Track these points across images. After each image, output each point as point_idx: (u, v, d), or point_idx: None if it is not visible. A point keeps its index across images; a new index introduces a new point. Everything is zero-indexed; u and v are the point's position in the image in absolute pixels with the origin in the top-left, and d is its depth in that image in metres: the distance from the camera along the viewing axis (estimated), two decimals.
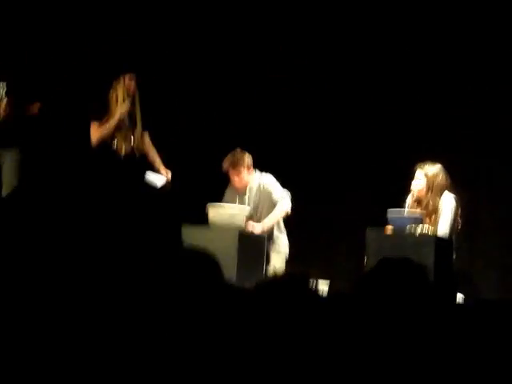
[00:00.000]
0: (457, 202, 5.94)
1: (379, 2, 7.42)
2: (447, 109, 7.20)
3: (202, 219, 6.01)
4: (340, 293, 2.51)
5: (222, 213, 5.87)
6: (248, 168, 6.49)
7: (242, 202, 6.47)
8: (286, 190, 6.50)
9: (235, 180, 6.47)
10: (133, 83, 6.37)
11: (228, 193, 6.56)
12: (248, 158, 6.49)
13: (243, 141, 7.01)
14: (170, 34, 7.55)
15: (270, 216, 6.38)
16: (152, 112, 6.54)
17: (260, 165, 6.63)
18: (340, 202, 7.46)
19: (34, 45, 6.96)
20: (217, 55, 7.66)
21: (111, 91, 6.39)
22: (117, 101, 6.35)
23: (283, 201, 6.44)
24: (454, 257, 5.81)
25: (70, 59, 7.25)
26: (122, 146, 6.33)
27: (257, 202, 6.50)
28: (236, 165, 6.44)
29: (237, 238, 5.66)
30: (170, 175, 6.43)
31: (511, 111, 6.99)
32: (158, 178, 6.40)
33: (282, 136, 7.52)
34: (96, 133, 6.33)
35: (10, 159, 6.33)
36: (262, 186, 6.51)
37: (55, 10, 7.26)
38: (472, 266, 6.73)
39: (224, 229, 5.78)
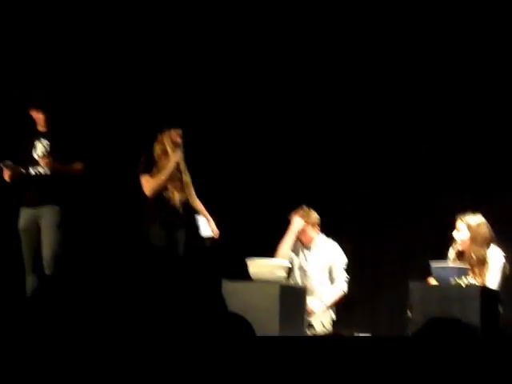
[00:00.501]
0: (505, 258, 5.86)
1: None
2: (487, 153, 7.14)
3: (243, 275, 5.98)
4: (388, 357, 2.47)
5: (263, 266, 5.83)
6: (313, 225, 6.60)
7: (305, 256, 6.61)
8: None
9: (300, 233, 6.56)
10: (179, 137, 6.49)
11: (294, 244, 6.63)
12: (314, 215, 6.61)
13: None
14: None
15: (332, 297, 6.55)
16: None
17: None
18: (381, 253, 7.40)
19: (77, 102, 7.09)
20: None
21: (156, 144, 6.50)
22: (163, 153, 6.45)
23: (343, 282, 6.59)
24: (501, 310, 5.71)
25: (111, 112, 7.34)
26: (174, 196, 6.42)
27: (316, 264, 6.57)
28: (304, 218, 6.55)
29: (278, 290, 5.60)
30: (216, 232, 6.61)
31: None
32: (207, 229, 6.57)
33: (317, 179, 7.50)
34: (149, 184, 6.40)
35: (49, 216, 6.35)
36: (331, 254, 6.61)
37: (94, 65, 7.36)
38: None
39: (266, 283, 5.73)
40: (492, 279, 5.79)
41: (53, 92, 6.63)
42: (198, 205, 6.65)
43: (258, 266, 5.84)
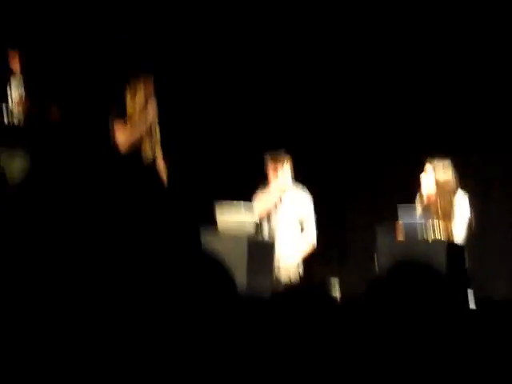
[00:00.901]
0: (469, 202, 5.90)
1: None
2: (455, 104, 7.15)
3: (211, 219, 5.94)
4: (353, 298, 2.47)
5: (231, 220, 5.81)
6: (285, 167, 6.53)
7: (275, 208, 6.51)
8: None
9: (271, 174, 6.49)
10: (151, 86, 6.18)
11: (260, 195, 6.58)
12: (289, 160, 6.54)
13: (252, 141, 7.06)
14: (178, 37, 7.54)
15: (303, 249, 6.48)
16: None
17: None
18: (349, 199, 7.44)
19: (52, 45, 6.97)
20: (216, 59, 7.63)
21: (129, 90, 6.16)
22: (133, 99, 6.11)
23: (313, 234, 6.54)
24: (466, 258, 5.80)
25: (86, 61, 7.24)
26: (149, 155, 6.15)
27: (287, 215, 6.52)
28: (278, 159, 6.49)
29: (246, 245, 5.61)
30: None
31: None
32: None
33: (290, 133, 7.48)
34: (123, 135, 6.08)
35: (16, 160, 6.24)
36: (301, 204, 6.55)
37: (72, 11, 7.27)
38: (484, 266, 6.65)
39: (234, 237, 5.73)
40: (459, 228, 5.82)
41: (30, 34, 6.55)
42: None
43: (226, 219, 5.82)
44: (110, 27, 7.28)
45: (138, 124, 6.06)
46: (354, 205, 7.39)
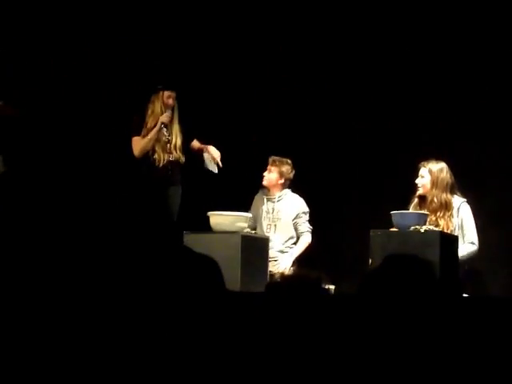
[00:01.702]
0: (470, 205, 5.97)
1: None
2: (450, 107, 7.16)
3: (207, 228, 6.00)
4: (347, 293, 2.49)
5: (224, 219, 5.84)
6: (284, 176, 6.69)
7: (268, 209, 6.72)
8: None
9: (266, 176, 6.69)
10: (171, 101, 6.55)
11: (257, 198, 6.83)
12: (290, 169, 6.72)
13: (243, 141, 7.08)
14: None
15: (298, 248, 6.68)
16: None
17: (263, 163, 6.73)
18: (344, 204, 7.44)
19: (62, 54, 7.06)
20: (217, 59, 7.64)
21: (149, 106, 6.57)
22: (154, 114, 6.53)
23: (309, 234, 6.70)
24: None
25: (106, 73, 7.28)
26: (161, 157, 6.49)
27: (280, 216, 6.59)
28: (277, 163, 6.66)
29: (240, 241, 5.62)
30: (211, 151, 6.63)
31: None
32: (210, 164, 6.61)
33: (283, 134, 7.49)
34: (137, 145, 6.50)
35: None
36: (296, 206, 6.72)
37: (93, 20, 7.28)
38: (480, 263, 6.67)
39: (227, 233, 5.75)
40: (470, 234, 5.88)
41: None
42: (196, 145, 6.70)
43: (218, 218, 5.86)
44: (130, 42, 7.31)
45: (151, 133, 6.47)
46: (350, 211, 7.40)
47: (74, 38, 7.19)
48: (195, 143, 6.73)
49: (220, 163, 6.58)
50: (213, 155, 6.59)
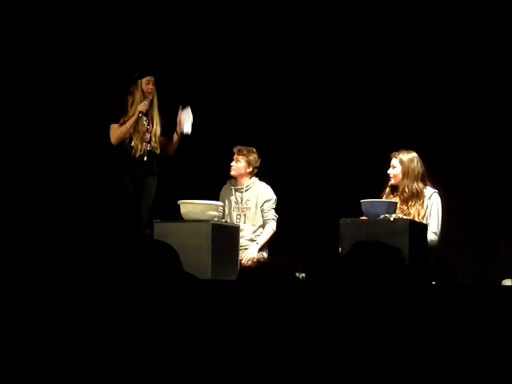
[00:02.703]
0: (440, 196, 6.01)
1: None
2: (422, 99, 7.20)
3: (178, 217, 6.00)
4: (317, 281, 2.50)
5: (194, 207, 5.85)
6: (251, 165, 6.75)
7: (237, 199, 6.77)
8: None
9: (234, 165, 6.73)
10: (150, 86, 6.53)
11: (225, 189, 6.86)
12: (257, 158, 6.76)
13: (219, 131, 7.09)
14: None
15: (263, 236, 6.70)
16: None
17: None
18: (314, 194, 7.47)
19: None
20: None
21: (129, 96, 6.55)
22: (133, 103, 6.50)
23: (273, 222, 6.76)
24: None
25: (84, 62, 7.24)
26: (138, 147, 6.45)
27: (248, 205, 6.70)
28: (244, 153, 6.71)
29: (210, 230, 5.63)
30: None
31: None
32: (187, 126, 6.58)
33: (252, 125, 7.50)
34: (114, 133, 6.47)
35: None
36: (262, 194, 6.77)
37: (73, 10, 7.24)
38: (448, 250, 6.73)
39: (197, 222, 5.75)
40: (433, 224, 5.92)
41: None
42: (174, 142, 6.66)
43: (189, 207, 5.86)
44: (112, 30, 7.28)
45: (128, 122, 6.45)
46: (320, 199, 7.43)
47: (53, 25, 7.15)
48: (173, 143, 6.71)
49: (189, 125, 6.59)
50: (181, 118, 6.59)
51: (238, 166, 6.74)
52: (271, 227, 6.74)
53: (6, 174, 6.79)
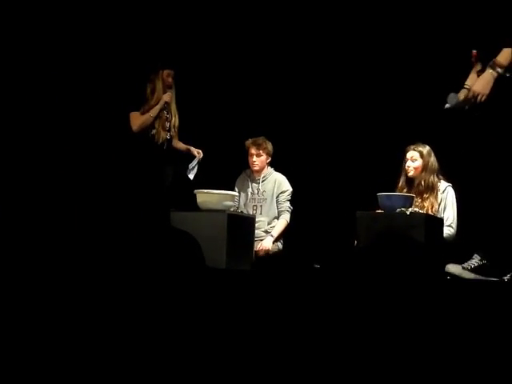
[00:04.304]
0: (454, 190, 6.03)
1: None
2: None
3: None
4: (333, 273, 2.50)
5: (211, 197, 5.86)
6: (270, 155, 6.82)
7: (253, 190, 6.82)
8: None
9: (254, 160, 6.77)
10: (170, 79, 6.69)
11: (240, 180, 6.91)
12: (271, 147, 6.81)
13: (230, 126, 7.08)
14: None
15: (277, 228, 6.74)
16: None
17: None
18: (330, 187, 7.47)
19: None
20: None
21: (149, 84, 6.67)
22: (153, 92, 6.62)
23: (288, 214, 6.81)
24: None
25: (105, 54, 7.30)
26: (160, 135, 6.61)
27: (265, 196, 6.75)
28: (264, 146, 6.76)
29: (226, 219, 5.64)
30: (201, 155, 6.77)
31: None
32: (193, 165, 6.75)
33: (267, 121, 7.51)
34: (137, 121, 6.57)
35: None
36: (278, 186, 6.83)
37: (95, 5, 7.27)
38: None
39: (213, 211, 5.76)
40: (450, 218, 5.93)
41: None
42: (181, 145, 6.85)
43: (205, 196, 5.87)
44: (130, 23, 7.34)
45: (151, 109, 6.58)
46: (336, 192, 7.43)
47: (70, 18, 7.20)
48: (180, 144, 6.88)
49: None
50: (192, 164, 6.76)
51: (261, 159, 6.78)
52: (285, 218, 6.75)
53: (23, 168, 6.86)
